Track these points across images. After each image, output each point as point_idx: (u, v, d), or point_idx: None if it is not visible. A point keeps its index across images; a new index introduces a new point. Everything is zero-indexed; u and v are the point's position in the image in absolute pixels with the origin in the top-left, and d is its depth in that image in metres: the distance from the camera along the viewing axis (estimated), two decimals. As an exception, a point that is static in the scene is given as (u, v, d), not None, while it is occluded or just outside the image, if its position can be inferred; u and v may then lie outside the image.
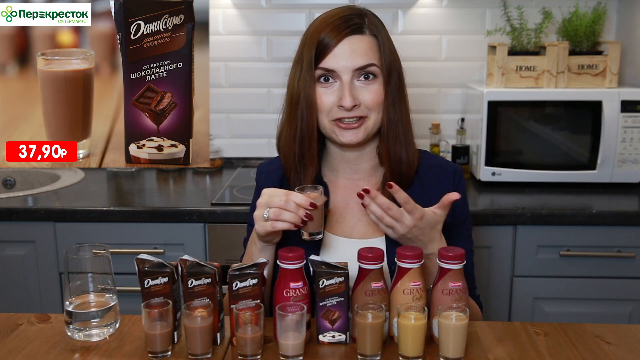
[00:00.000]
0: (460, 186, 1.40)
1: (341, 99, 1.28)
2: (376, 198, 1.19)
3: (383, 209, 1.19)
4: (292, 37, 2.51)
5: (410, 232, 1.21)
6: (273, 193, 1.21)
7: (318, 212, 1.21)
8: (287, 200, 1.18)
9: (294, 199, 1.18)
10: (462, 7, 2.49)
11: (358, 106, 1.30)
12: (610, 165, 2.17)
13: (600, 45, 2.31)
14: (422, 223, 1.21)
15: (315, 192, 1.22)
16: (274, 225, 1.19)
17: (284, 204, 1.18)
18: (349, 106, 1.28)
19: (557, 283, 2.03)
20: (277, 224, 1.19)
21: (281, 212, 1.18)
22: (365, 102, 1.30)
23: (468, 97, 2.49)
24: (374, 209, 1.20)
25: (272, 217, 1.19)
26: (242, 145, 2.64)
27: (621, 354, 1.14)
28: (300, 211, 1.18)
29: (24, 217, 2.02)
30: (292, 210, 1.18)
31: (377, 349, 1.10)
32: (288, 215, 1.18)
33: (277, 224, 1.19)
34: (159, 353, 1.12)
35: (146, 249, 2.00)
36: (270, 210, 1.19)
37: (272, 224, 1.19)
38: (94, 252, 1.20)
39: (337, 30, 1.28)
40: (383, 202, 1.19)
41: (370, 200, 1.20)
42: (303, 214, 1.18)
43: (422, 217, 1.21)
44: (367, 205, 1.21)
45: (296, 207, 1.18)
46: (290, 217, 1.18)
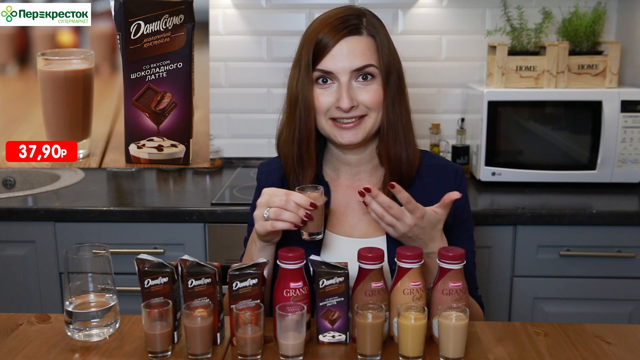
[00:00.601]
0: (462, 186, 1.40)
1: (339, 100, 1.29)
2: (377, 197, 1.19)
3: (384, 207, 1.19)
4: (292, 37, 2.50)
5: (411, 231, 1.21)
6: (273, 193, 1.21)
7: (318, 212, 1.21)
8: (288, 200, 1.18)
9: (294, 198, 1.18)
10: (462, 7, 2.49)
11: (356, 107, 1.30)
12: (610, 165, 2.17)
13: (600, 45, 2.31)
14: (423, 222, 1.21)
15: (315, 192, 1.22)
16: (274, 225, 1.19)
17: (284, 204, 1.18)
18: (346, 107, 1.28)
19: (557, 283, 2.03)
20: (277, 223, 1.19)
21: (281, 212, 1.18)
22: (364, 103, 1.30)
23: (468, 97, 2.49)
24: (375, 208, 1.20)
25: (272, 217, 1.19)
26: (242, 145, 2.64)
27: (621, 354, 1.14)
28: (301, 211, 1.18)
29: (24, 217, 2.02)
30: (292, 210, 1.18)
31: (377, 349, 1.10)
32: (288, 215, 1.18)
33: (277, 224, 1.19)
34: (159, 353, 1.12)
35: (146, 249, 2.00)
36: (271, 209, 1.19)
37: (272, 224, 1.19)
38: (94, 252, 1.20)
39: (334, 31, 1.28)
40: (384, 200, 1.19)
41: (372, 199, 1.20)
42: (303, 214, 1.18)
43: (423, 216, 1.21)
44: (368, 204, 1.21)
45: (296, 207, 1.18)
46: (290, 217, 1.18)
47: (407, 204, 1.19)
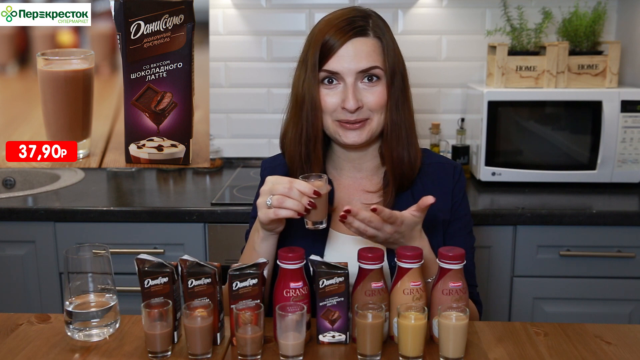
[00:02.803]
0: (460, 183, 1.41)
1: (344, 101, 1.29)
2: (358, 215, 1.18)
3: (365, 222, 1.19)
4: (292, 37, 2.52)
5: (391, 237, 1.23)
6: (277, 180, 1.20)
7: (322, 200, 1.19)
8: (291, 188, 1.17)
9: (298, 186, 1.17)
10: (462, 7, 2.49)
11: (361, 108, 1.30)
12: (610, 165, 2.17)
13: (600, 45, 2.31)
14: (402, 227, 1.22)
15: (319, 180, 1.21)
16: (277, 213, 1.18)
17: (287, 192, 1.17)
18: (352, 108, 1.28)
19: (557, 283, 2.03)
20: (279, 211, 1.18)
21: (284, 200, 1.17)
22: (368, 104, 1.31)
23: (468, 97, 2.49)
24: (357, 226, 1.20)
25: (275, 205, 1.18)
26: (242, 145, 2.64)
27: (621, 354, 1.14)
28: (304, 199, 1.17)
29: (24, 217, 2.02)
30: (296, 197, 1.17)
31: (377, 349, 1.10)
32: (291, 202, 1.17)
33: (280, 212, 1.18)
34: (159, 353, 1.12)
35: (146, 249, 2.00)
36: (274, 197, 1.18)
37: (275, 212, 1.18)
38: (94, 252, 1.19)
39: (341, 32, 1.28)
40: (365, 216, 1.18)
41: (353, 219, 1.19)
42: (306, 202, 1.17)
43: (402, 223, 1.21)
44: (351, 223, 1.20)
45: (300, 194, 1.17)
46: (293, 205, 1.17)
47: (389, 219, 1.19)
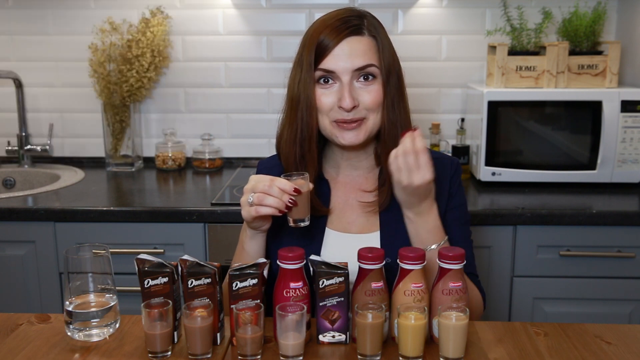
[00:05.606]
0: (456, 174, 1.44)
1: (341, 100, 1.29)
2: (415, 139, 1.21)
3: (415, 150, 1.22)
4: (292, 37, 2.51)
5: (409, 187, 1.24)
6: (259, 179, 1.23)
7: (303, 198, 1.22)
8: (271, 186, 1.20)
9: (278, 184, 1.20)
10: (462, 7, 2.49)
11: (357, 107, 1.31)
12: (610, 165, 2.17)
13: (600, 45, 2.31)
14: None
15: (301, 178, 1.24)
16: (258, 210, 1.21)
17: (267, 189, 1.20)
18: (348, 107, 1.29)
19: (557, 283, 2.03)
20: (260, 208, 1.21)
21: (265, 197, 1.20)
22: (364, 103, 1.31)
23: (468, 97, 2.49)
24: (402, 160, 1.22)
25: (256, 202, 1.21)
26: (242, 145, 2.64)
27: (621, 354, 1.14)
28: (284, 196, 1.20)
29: (24, 217, 2.01)
30: (276, 195, 1.20)
31: (377, 349, 1.10)
32: (271, 200, 1.20)
33: (261, 209, 1.21)
34: (159, 353, 1.12)
35: (146, 249, 2.00)
36: (254, 195, 1.22)
37: (255, 209, 1.21)
38: (94, 252, 1.20)
39: (336, 31, 1.29)
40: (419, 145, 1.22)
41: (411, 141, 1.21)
42: (287, 200, 1.20)
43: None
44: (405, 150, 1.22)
45: (280, 192, 1.20)
46: (274, 202, 1.20)
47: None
